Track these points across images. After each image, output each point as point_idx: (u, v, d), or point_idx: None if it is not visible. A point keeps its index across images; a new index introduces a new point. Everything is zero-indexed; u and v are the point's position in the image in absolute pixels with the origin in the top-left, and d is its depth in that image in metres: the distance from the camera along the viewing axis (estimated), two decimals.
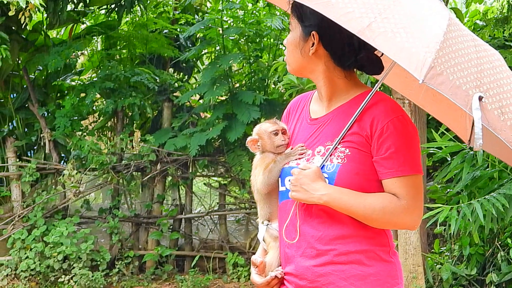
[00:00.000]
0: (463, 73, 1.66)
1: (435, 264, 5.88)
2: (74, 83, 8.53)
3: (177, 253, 7.61)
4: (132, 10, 7.99)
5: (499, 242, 5.64)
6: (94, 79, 8.10)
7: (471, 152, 4.84)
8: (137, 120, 8.14)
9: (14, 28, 7.49)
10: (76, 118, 7.66)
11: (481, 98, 1.62)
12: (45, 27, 7.96)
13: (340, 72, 2.09)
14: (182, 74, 9.15)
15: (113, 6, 7.88)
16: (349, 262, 1.98)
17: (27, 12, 5.56)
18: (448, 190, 5.64)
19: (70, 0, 7.61)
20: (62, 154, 7.95)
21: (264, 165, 2.16)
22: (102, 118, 8.25)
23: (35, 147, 7.97)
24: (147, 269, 7.39)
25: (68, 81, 8.55)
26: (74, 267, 6.84)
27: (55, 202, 7.44)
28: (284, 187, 2.12)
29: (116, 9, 7.83)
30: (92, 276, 6.79)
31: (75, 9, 8.05)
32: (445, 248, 6.17)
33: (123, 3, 7.68)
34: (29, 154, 7.99)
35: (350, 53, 2.05)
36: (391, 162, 1.97)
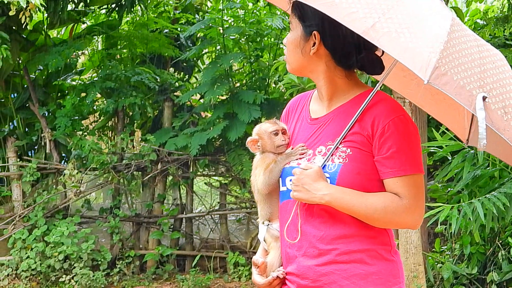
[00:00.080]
0: (467, 73, 1.66)
1: (436, 263, 5.88)
2: (74, 83, 8.54)
3: (178, 252, 7.61)
4: (132, 9, 7.99)
5: (500, 241, 5.63)
6: (95, 79, 8.11)
7: (472, 151, 4.84)
8: (137, 119, 8.15)
9: (14, 28, 7.50)
10: (76, 117, 7.67)
11: (484, 98, 1.62)
12: (45, 27, 7.96)
13: (341, 72, 2.08)
14: (182, 73, 9.15)
15: (113, 6, 7.88)
16: (351, 261, 1.98)
17: (28, 12, 5.56)
18: (449, 189, 5.64)
19: None
20: (63, 154, 7.96)
21: (264, 165, 2.16)
22: (102, 118, 8.26)
23: (36, 147, 7.97)
24: (148, 268, 7.39)
25: (68, 80, 8.55)
26: (75, 267, 6.84)
27: (56, 202, 7.44)
28: (285, 187, 2.11)
29: (116, 8, 7.83)
30: (93, 275, 6.79)
31: (76, 8, 8.05)
32: (446, 247, 6.17)
33: (124, 3, 7.68)
34: (29, 154, 7.99)
35: (351, 53, 2.04)
36: (393, 162, 1.97)
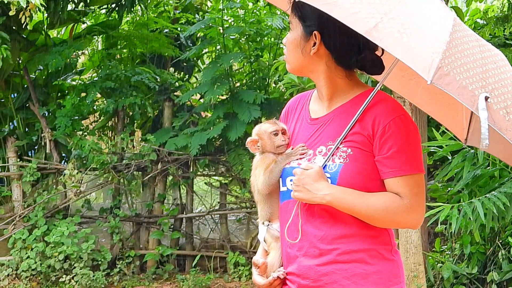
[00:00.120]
0: (469, 73, 1.66)
1: (436, 262, 5.88)
2: (74, 83, 8.53)
3: (178, 252, 7.61)
4: (132, 9, 7.99)
5: (500, 241, 5.64)
6: (95, 79, 8.11)
7: (472, 150, 4.84)
8: (137, 119, 8.15)
9: (14, 28, 7.49)
10: (76, 117, 7.67)
11: (487, 98, 1.62)
12: (45, 27, 7.96)
13: (341, 71, 2.08)
14: (182, 73, 9.15)
15: (113, 6, 7.88)
16: (351, 261, 1.98)
17: (28, 11, 5.56)
18: (449, 188, 5.64)
19: None
20: (63, 154, 7.96)
21: (264, 165, 2.15)
22: (102, 118, 8.26)
23: (36, 147, 7.97)
24: (148, 268, 7.39)
25: (68, 80, 8.55)
26: (75, 267, 6.84)
27: (56, 202, 7.44)
28: (285, 187, 2.11)
29: (116, 8, 7.83)
30: (93, 275, 6.79)
31: (76, 8, 8.05)
32: (446, 246, 6.17)
33: (124, 3, 7.68)
34: (30, 154, 7.99)
35: (351, 53, 2.04)
36: (394, 162, 1.97)
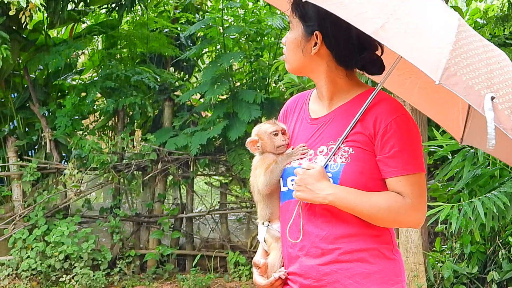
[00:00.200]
0: (475, 73, 1.66)
1: (436, 262, 5.89)
2: (74, 83, 8.53)
3: (178, 252, 7.61)
4: (132, 9, 7.98)
5: (500, 240, 5.64)
6: (95, 79, 8.11)
7: (472, 150, 4.84)
8: (138, 119, 8.15)
9: (14, 27, 7.49)
10: (77, 117, 7.67)
11: (493, 98, 1.62)
12: (45, 27, 7.96)
13: (342, 71, 2.08)
14: (182, 73, 9.15)
15: (113, 5, 7.87)
16: (353, 260, 1.98)
17: (28, 11, 5.55)
18: (449, 188, 5.63)
19: None
20: (63, 154, 7.96)
21: (265, 166, 2.15)
22: (103, 118, 8.26)
23: (36, 147, 7.97)
24: (148, 268, 7.39)
25: (68, 80, 8.55)
26: (75, 267, 6.84)
27: (56, 202, 7.44)
28: (286, 187, 2.10)
29: (116, 8, 7.83)
30: (93, 275, 6.79)
31: (76, 8, 8.04)
32: (446, 246, 6.17)
33: (124, 2, 7.67)
34: (30, 154, 7.99)
35: (352, 53, 2.04)
36: (396, 161, 1.97)
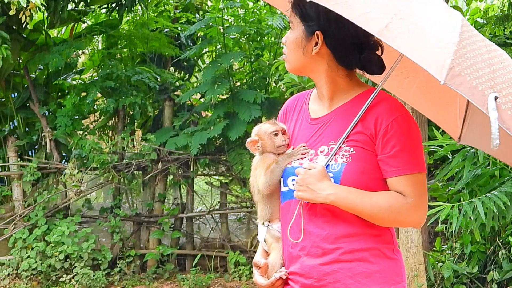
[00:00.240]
0: (478, 73, 1.66)
1: (437, 262, 5.89)
2: (75, 82, 8.54)
3: (178, 252, 7.61)
4: (133, 9, 7.98)
5: (501, 240, 5.64)
6: (95, 78, 8.11)
7: (472, 150, 4.84)
8: (138, 119, 8.14)
9: (15, 27, 7.49)
10: (77, 117, 7.67)
11: (496, 98, 1.62)
12: (46, 26, 7.96)
13: (342, 71, 2.08)
14: (183, 73, 9.15)
15: (114, 5, 7.88)
16: (354, 260, 1.98)
17: (28, 11, 5.56)
18: (449, 188, 5.63)
19: None
20: (63, 153, 7.96)
21: (265, 166, 2.14)
22: (103, 117, 8.26)
23: (36, 147, 7.97)
24: (149, 268, 7.39)
25: (69, 80, 8.55)
26: (75, 266, 6.85)
27: (56, 202, 7.44)
28: (287, 187, 2.10)
29: (117, 8, 7.83)
30: (93, 275, 6.79)
31: (76, 8, 8.05)
32: (446, 246, 6.18)
33: (124, 2, 7.68)
34: (30, 154, 7.99)
35: (353, 52, 2.04)
36: (397, 161, 1.97)
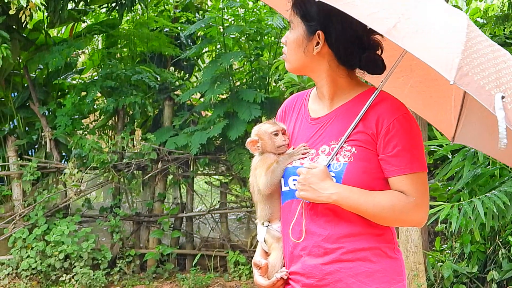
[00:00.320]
0: (485, 73, 1.67)
1: (436, 262, 5.89)
2: (75, 82, 8.53)
3: (178, 251, 7.61)
4: (132, 8, 7.98)
5: (500, 240, 5.64)
6: (95, 78, 8.11)
7: (472, 150, 4.84)
8: (138, 118, 8.14)
9: (14, 27, 7.49)
10: (77, 116, 7.67)
11: (503, 97, 1.63)
12: (45, 26, 7.96)
13: (343, 71, 2.08)
14: (183, 72, 9.15)
15: (113, 5, 7.88)
16: (356, 260, 1.98)
17: (28, 11, 5.56)
18: (449, 188, 5.64)
19: None
20: (63, 153, 7.96)
21: (266, 166, 2.14)
22: (103, 117, 8.25)
23: (36, 146, 7.97)
24: (148, 267, 7.40)
25: (69, 79, 8.55)
26: (75, 266, 6.85)
27: (56, 201, 7.44)
28: (287, 187, 2.10)
29: (116, 7, 7.83)
30: (93, 275, 6.79)
31: (76, 7, 8.05)
32: (446, 245, 6.18)
33: (124, 2, 7.68)
34: (30, 153, 7.99)
35: (354, 52, 2.04)
36: (399, 160, 1.97)
